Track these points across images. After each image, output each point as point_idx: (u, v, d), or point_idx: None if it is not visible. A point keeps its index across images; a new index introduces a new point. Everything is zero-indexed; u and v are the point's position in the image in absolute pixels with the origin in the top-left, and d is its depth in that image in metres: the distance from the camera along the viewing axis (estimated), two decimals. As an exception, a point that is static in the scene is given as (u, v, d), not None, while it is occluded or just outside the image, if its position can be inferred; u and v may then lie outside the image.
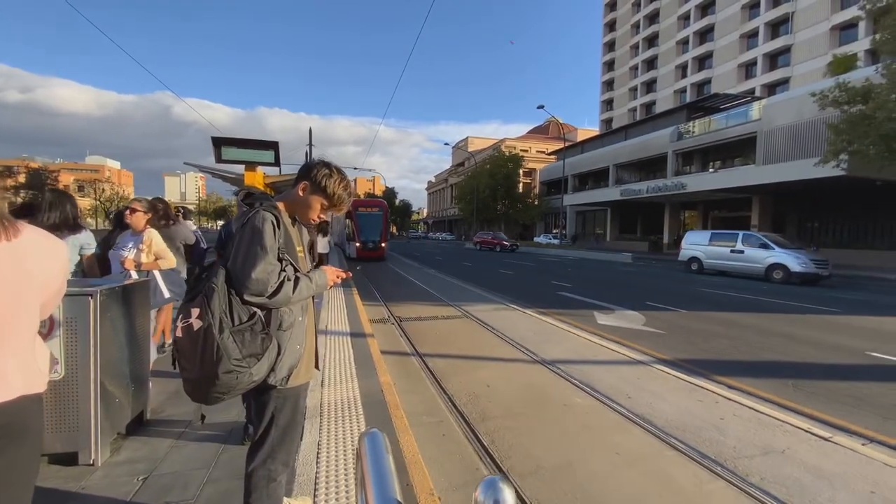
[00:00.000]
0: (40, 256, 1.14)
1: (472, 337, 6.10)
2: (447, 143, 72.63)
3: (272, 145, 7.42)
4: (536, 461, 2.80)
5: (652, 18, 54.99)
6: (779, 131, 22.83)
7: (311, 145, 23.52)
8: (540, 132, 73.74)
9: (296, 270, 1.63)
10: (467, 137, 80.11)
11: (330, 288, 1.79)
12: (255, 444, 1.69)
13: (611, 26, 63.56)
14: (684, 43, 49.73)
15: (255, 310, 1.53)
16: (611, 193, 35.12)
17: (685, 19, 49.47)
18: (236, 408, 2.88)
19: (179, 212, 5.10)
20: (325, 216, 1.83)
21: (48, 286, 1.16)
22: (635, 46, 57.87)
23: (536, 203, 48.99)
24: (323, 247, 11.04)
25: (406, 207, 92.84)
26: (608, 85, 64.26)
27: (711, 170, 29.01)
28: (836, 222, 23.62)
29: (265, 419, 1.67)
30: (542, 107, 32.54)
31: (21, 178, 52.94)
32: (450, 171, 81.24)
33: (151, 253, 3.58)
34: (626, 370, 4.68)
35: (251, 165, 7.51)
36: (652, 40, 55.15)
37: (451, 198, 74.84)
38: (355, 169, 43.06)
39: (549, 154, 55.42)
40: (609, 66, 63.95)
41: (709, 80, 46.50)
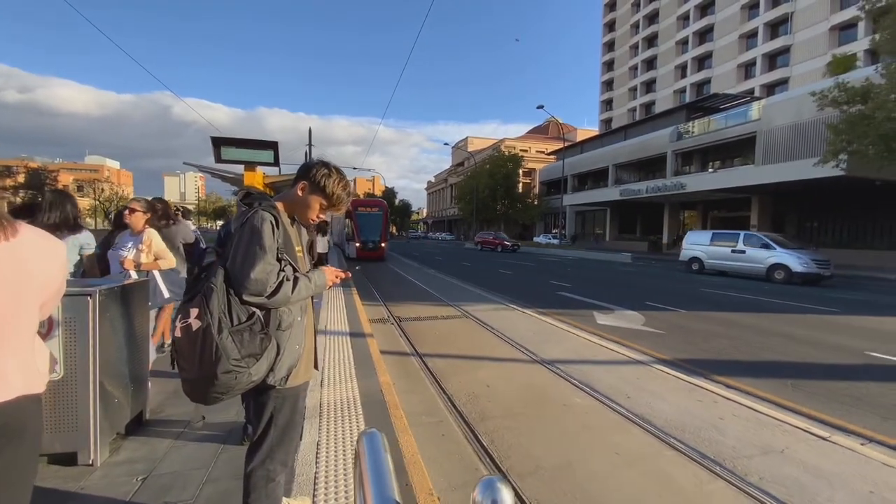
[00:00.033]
0: (39, 256, 1.13)
1: (471, 337, 6.10)
2: (447, 143, 72.82)
3: (271, 145, 7.42)
4: (536, 461, 2.80)
5: (651, 18, 55.03)
6: (778, 131, 22.85)
7: (310, 145, 23.52)
8: (539, 132, 73.75)
9: (295, 270, 1.63)
10: (467, 137, 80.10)
11: (329, 288, 1.79)
12: (254, 445, 1.69)
13: (610, 26, 63.58)
14: (684, 43, 49.77)
15: (254, 310, 1.53)
16: (610, 193, 35.15)
17: (685, 19, 49.51)
18: (235, 408, 2.88)
19: (178, 211, 5.10)
20: (324, 216, 1.83)
21: (48, 286, 1.16)
22: (635, 46, 57.90)
23: (536, 203, 49.01)
24: (322, 247, 11.04)
25: (405, 207, 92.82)
26: (608, 85, 64.29)
27: (711, 170, 29.03)
28: (836, 222, 23.64)
29: (264, 419, 1.67)
30: (541, 107, 32.59)
31: (20, 177, 52.93)
32: (449, 171, 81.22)
33: (151, 253, 3.58)
34: (625, 370, 4.68)
35: (250, 165, 7.50)
36: (651, 40, 55.19)
37: (450, 198, 74.84)
38: (355, 169, 43.00)
39: (549, 154, 55.43)
40: (608, 66, 63.98)
41: (708, 81, 46.55)
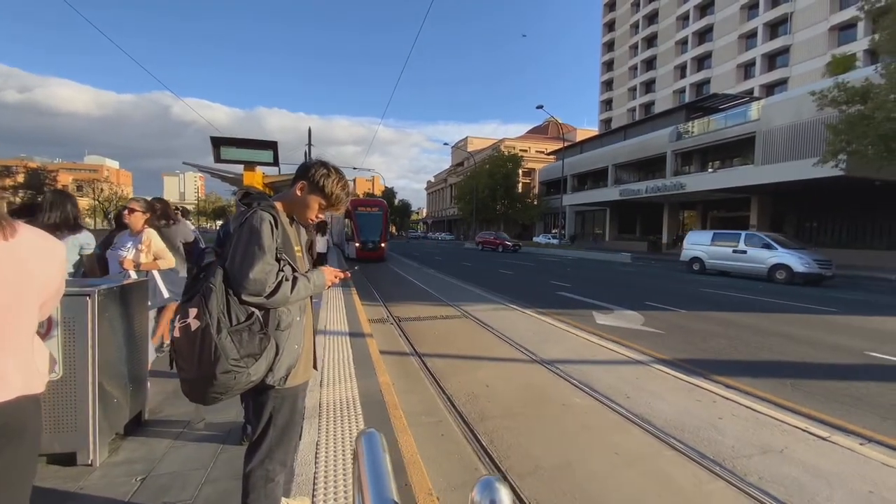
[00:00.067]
0: (38, 256, 1.13)
1: (471, 337, 6.10)
2: (446, 143, 72.70)
3: (271, 145, 7.41)
4: (535, 461, 2.80)
5: (651, 19, 55.04)
6: (777, 131, 22.87)
7: (310, 145, 23.49)
8: (539, 132, 73.74)
9: (294, 270, 1.62)
10: (466, 137, 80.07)
11: (328, 288, 1.79)
12: (253, 445, 1.69)
13: (610, 26, 63.59)
14: (683, 43, 49.78)
15: (253, 310, 1.53)
16: (610, 193, 35.15)
17: (684, 19, 49.53)
18: (235, 408, 2.88)
19: (177, 211, 5.09)
20: (323, 216, 1.82)
21: (47, 286, 1.16)
22: (634, 46, 57.92)
23: (536, 203, 49.01)
24: (321, 246, 11.03)
25: (405, 207, 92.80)
26: (607, 85, 64.29)
27: (710, 170, 29.05)
28: (835, 222, 23.64)
29: (263, 419, 1.66)
30: (541, 107, 32.57)
31: (20, 177, 52.91)
32: (449, 171, 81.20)
33: (150, 253, 3.58)
34: (624, 370, 4.68)
35: (250, 165, 7.50)
36: (651, 40, 55.20)
37: (450, 198, 74.82)
38: (354, 169, 43.01)
39: (549, 154, 55.44)
40: (608, 66, 63.99)
41: (708, 81, 46.56)
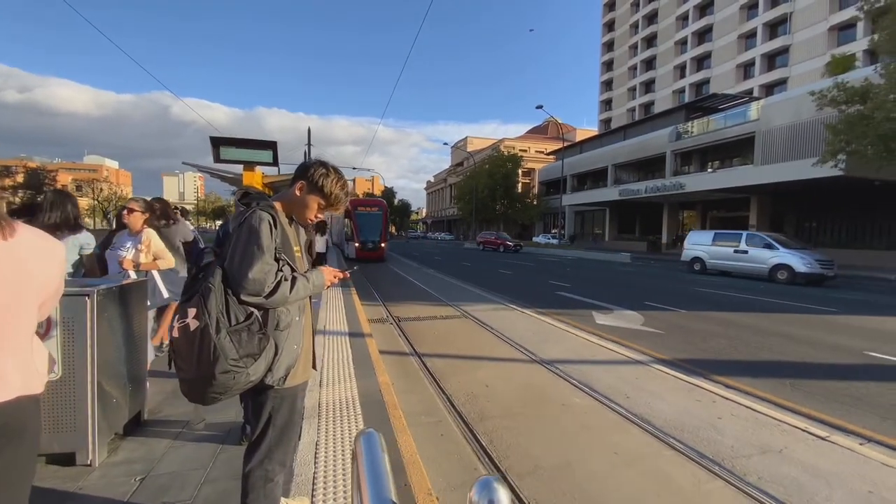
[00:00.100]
0: (38, 256, 1.13)
1: (470, 337, 6.10)
2: (446, 143, 72.64)
3: (271, 145, 7.40)
4: (535, 461, 2.80)
5: (650, 19, 55.06)
6: (777, 131, 22.88)
7: (309, 145, 23.49)
8: (539, 132, 73.74)
9: (293, 270, 1.62)
10: (466, 137, 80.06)
11: (327, 288, 1.79)
12: (253, 445, 1.69)
13: (610, 26, 63.60)
14: (683, 43, 49.79)
15: (252, 310, 1.53)
16: (609, 193, 35.16)
17: (684, 20, 49.53)
18: (234, 408, 2.88)
19: (177, 210, 5.09)
20: (322, 216, 1.82)
21: (46, 286, 1.16)
22: (634, 46, 57.92)
23: (535, 203, 49.02)
24: (321, 246, 11.04)
25: (405, 207, 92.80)
26: (607, 85, 64.30)
27: (710, 170, 29.07)
28: (834, 222, 23.65)
29: (262, 419, 1.66)
30: (540, 107, 32.57)
31: (19, 177, 52.91)
32: (449, 171, 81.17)
33: (150, 253, 3.58)
34: (624, 370, 4.68)
35: (250, 165, 7.49)
36: (651, 40, 55.21)
37: (449, 198, 74.82)
38: (354, 169, 43.01)
39: (548, 154, 55.46)
40: (608, 66, 63.99)
41: (707, 81, 46.57)
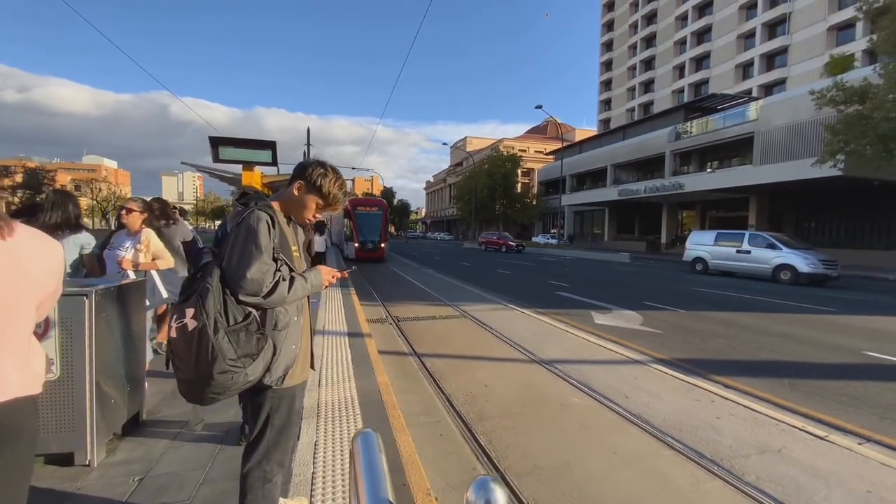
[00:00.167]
0: (36, 256, 1.13)
1: (470, 337, 6.10)
2: (445, 143, 72.66)
3: (270, 145, 7.39)
4: (534, 461, 2.80)
5: (650, 19, 55.09)
6: (776, 131, 22.92)
7: (308, 145, 23.49)
8: (538, 132, 73.79)
9: (291, 270, 1.62)
10: (465, 137, 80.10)
11: (326, 288, 1.79)
12: (251, 445, 1.69)
13: (609, 26, 63.62)
14: (682, 43, 49.83)
15: (250, 310, 1.53)
16: (609, 193, 35.19)
17: (683, 20, 49.57)
18: (233, 408, 2.87)
19: (175, 210, 5.08)
20: (320, 216, 1.82)
21: (45, 286, 1.16)
22: (633, 47, 57.96)
23: (534, 203, 49.03)
24: (319, 246, 11.03)
25: (404, 207, 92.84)
26: (606, 85, 64.32)
27: (709, 170, 29.10)
28: (833, 222, 23.69)
29: (261, 419, 1.66)
30: (540, 107, 32.58)
31: (18, 177, 52.89)
32: (448, 171, 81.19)
33: (149, 253, 3.57)
34: (623, 370, 4.68)
35: (249, 165, 7.48)
36: (650, 40, 55.24)
37: (449, 198, 74.82)
38: (353, 169, 42.95)
39: (548, 154, 55.47)
40: (607, 66, 64.02)
41: (706, 81, 46.61)
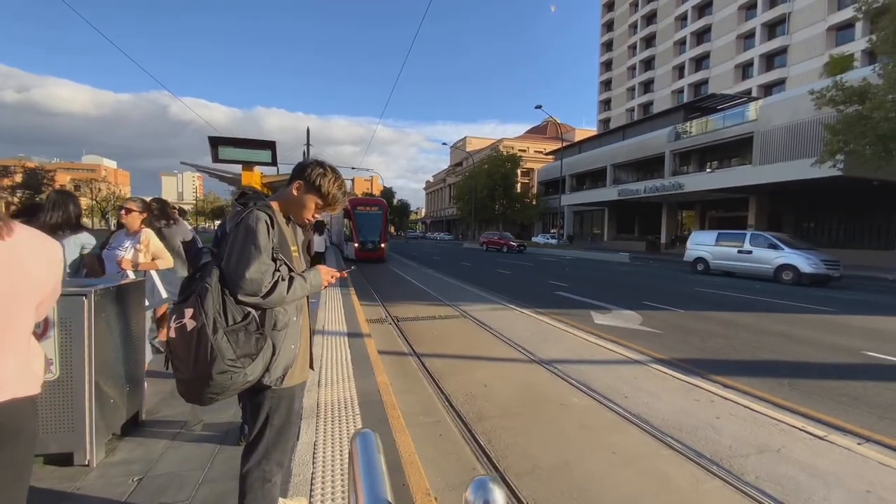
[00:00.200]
0: (36, 256, 1.13)
1: (469, 337, 6.10)
2: (445, 143, 72.72)
3: (269, 145, 7.39)
4: (533, 461, 2.80)
5: (649, 19, 55.10)
6: (775, 132, 22.93)
7: (308, 145, 23.49)
8: (538, 132, 73.81)
9: (290, 270, 1.62)
10: (465, 137, 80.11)
11: (325, 288, 1.79)
12: (250, 445, 1.68)
13: (609, 26, 63.63)
14: (681, 43, 49.85)
15: (249, 310, 1.52)
16: (608, 193, 35.21)
17: (682, 20, 49.58)
18: (233, 408, 2.87)
19: (174, 209, 5.08)
20: (319, 216, 1.82)
21: (44, 286, 1.16)
22: (633, 47, 57.96)
23: (534, 203, 49.03)
24: (319, 245, 11.02)
25: (404, 207, 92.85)
26: (606, 85, 64.34)
27: (708, 170, 29.12)
28: (833, 222, 23.71)
29: (260, 420, 1.66)
30: (539, 107, 32.59)
31: (17, 177, 52.89)
32: (448, 171, 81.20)
33: (149, 253, 3.57)
34: (622, 370, 4.69)
35: (248, 165, 7.47)
36: (649, 41, 55.25)
37: (448, 198, 74.83)
38: (353, 168, 42.94)
39: (547, 154, 55.48)
40: (607, 66, 64.04)
41: (706, 81, 46.64)
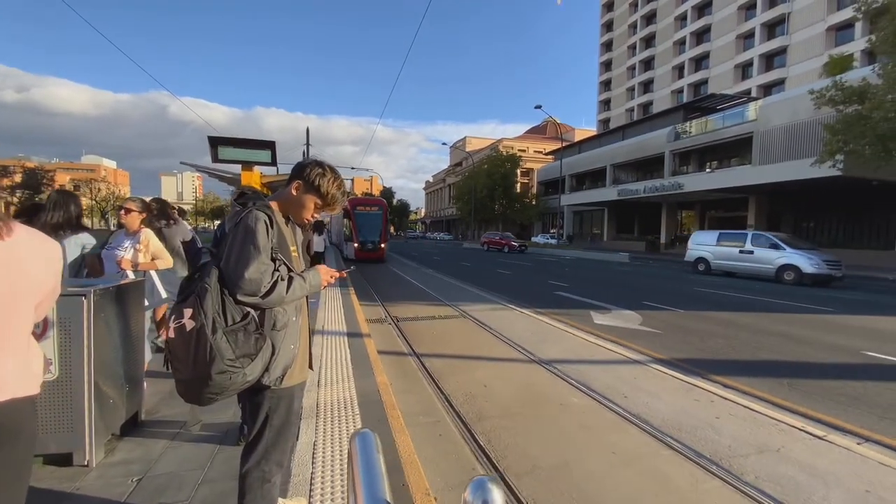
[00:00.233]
0: (35, 256, 1.13)
1: (469, 337, 6.10)
2: (445, 143, 72.74)
3: (269, 145, 7.38)
4: (533, 461, 2.80)
5: (649, 19, 55.11)
6: (775, 131, 22.95)
7: (308, 145, 23.49)
8: (537, 132, 73.82)
9: (289, 270, 1.62)
10: (465, 137, 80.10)
11: (324, 288, 1.79)
12: (250, 445, 1.68)
13: (608, 26, 63.65)
14: (681, 43, 49.86)
15: (248, 310, 1.52)
16: (608, 193, 35.22)
17: (682, 20, 49.59)
18: (232, 408, 2.87)
19: (174, 210, 5.07)
20: (318, 216, 1.82)
21: (44, 286, 1.16)
22: (632, 47, 57.98)
23: (534, 203, 49.04)
24: (318, 245, 11.02)
25: (404, 207, 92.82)
26: (605, 85, 64.35)
27: (708, 170, 29.14)
28: (832, 222, 23.72)
29: (259, 420, 1.66)
30: (539, 107, 32.58)
31: (17, 177, 52.89)
32: (447, 171, 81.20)
33: (148, 253, 3.57)
34: (622, 370, 4.69)
35: (248, 165, 7.47)
36: (649, 41, 55.27)
37: (448, 198, 74.85)
38: (353, 168, 42.99)
39: (547, 154, 55.49)
40: (606, 66, 64.05)
41: (705, 81, 46.65)
